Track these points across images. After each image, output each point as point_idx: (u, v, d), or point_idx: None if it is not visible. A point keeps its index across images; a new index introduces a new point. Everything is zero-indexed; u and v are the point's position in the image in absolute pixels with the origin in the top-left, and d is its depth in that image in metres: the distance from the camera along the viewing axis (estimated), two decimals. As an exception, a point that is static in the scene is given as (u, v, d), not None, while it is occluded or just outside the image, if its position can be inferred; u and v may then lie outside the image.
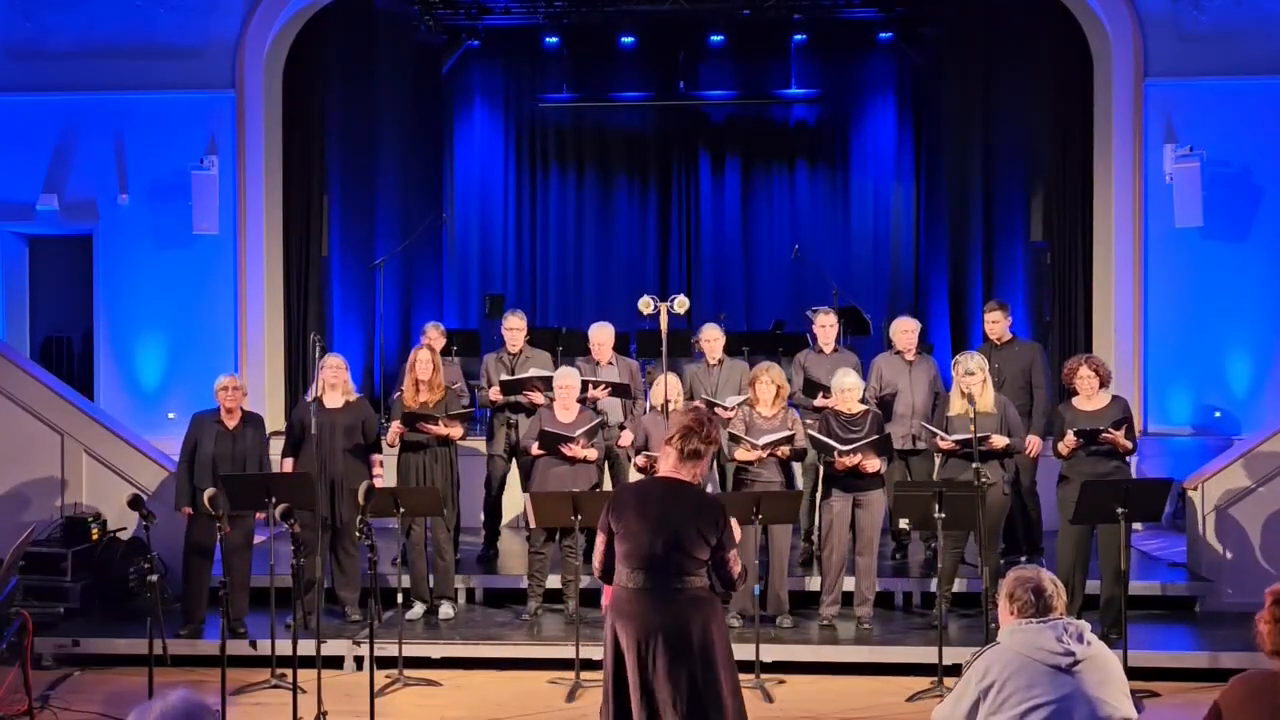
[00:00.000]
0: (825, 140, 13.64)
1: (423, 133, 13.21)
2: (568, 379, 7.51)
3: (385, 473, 8.33)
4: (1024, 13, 11.14)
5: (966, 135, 12.40)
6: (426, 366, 7.53)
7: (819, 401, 7.92)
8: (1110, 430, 6.88)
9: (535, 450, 7.38)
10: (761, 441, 7.10)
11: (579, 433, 7.27)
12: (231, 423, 7.28)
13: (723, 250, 13.78)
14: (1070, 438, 6.93)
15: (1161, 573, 8.13)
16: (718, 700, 4.22)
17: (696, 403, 4.54)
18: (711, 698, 4.20)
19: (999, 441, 7.00)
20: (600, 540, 4.40)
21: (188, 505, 7.20)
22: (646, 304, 7.23)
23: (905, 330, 8.19)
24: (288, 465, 7.41)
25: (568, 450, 7.26)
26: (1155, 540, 8.89)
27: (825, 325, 8.23)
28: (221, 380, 7.31)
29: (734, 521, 4.42)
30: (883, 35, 12.84)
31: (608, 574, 4.39)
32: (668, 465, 4.39)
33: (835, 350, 8.27)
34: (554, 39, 12.79)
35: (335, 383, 7.34)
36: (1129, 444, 6.98)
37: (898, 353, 8.17)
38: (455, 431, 7.59)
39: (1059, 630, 3.43)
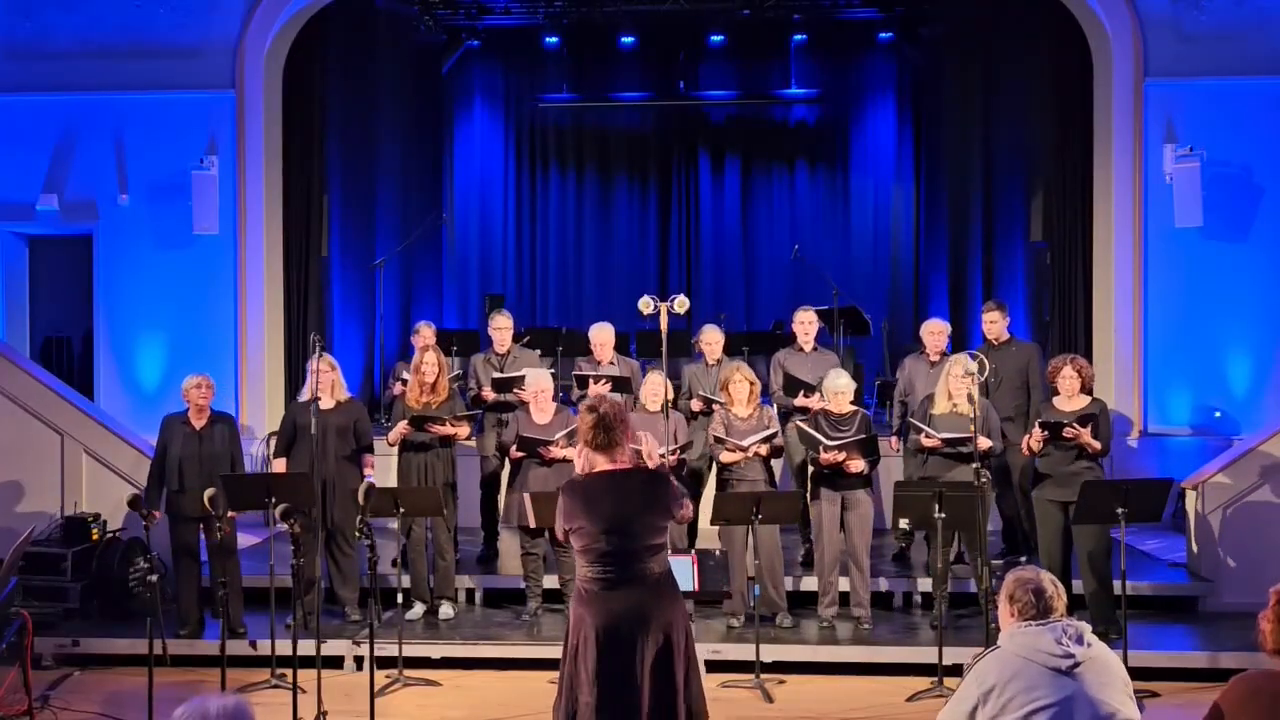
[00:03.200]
0: (825, 140, 13.66)
1: (423, 133, 13.22)
2: (541, 382, 7.54)
3: (386, 473, 8.34)
4: (1024, 13, 11.11)
5: (966, 135, 12.40)
6: (432, 369, 7.54)
7: (799, 401, 7.91)
8: (1074, 425, 6.85)
9: (514, 453, 7.42)
10: (747, 442, 7.12)
11: (559, 435, 7.28)
12: (199, 423, 7.27)
13: (723, 250, 13.80)
14: (1036, 431, 6.92)
15: (1161, 573, 8.12)
16: (688, 684, 4.26)
17: (594, 399, 4.54)
18: (681, 682, 4.24)
19: (984, 443, 6.98)
20: (560, 534, 4.43)
21: (156, 509, 7.19)
22: (646, 304, 7.22)
23: (931, 332, 8.20)
24: (280, 465, 7.41)
25: (546, 452, 7.28)
26: (1155, 540, 8.88)
27: (804, 322, 8.21)
28: (190, 379, 7.32)
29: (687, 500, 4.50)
30: (882, 35, 12.85)
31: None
32: (601, 461, 4.36)
33: (814, 349, 8.26)
34: (554, 39, 12.80)
35: (325, 384, 7.35)
36: (1097, 444, 6.93)
37: (924, 353, 8.17)
38: (462, 431, 7.61)
39: (1058, 632, 3.43)
